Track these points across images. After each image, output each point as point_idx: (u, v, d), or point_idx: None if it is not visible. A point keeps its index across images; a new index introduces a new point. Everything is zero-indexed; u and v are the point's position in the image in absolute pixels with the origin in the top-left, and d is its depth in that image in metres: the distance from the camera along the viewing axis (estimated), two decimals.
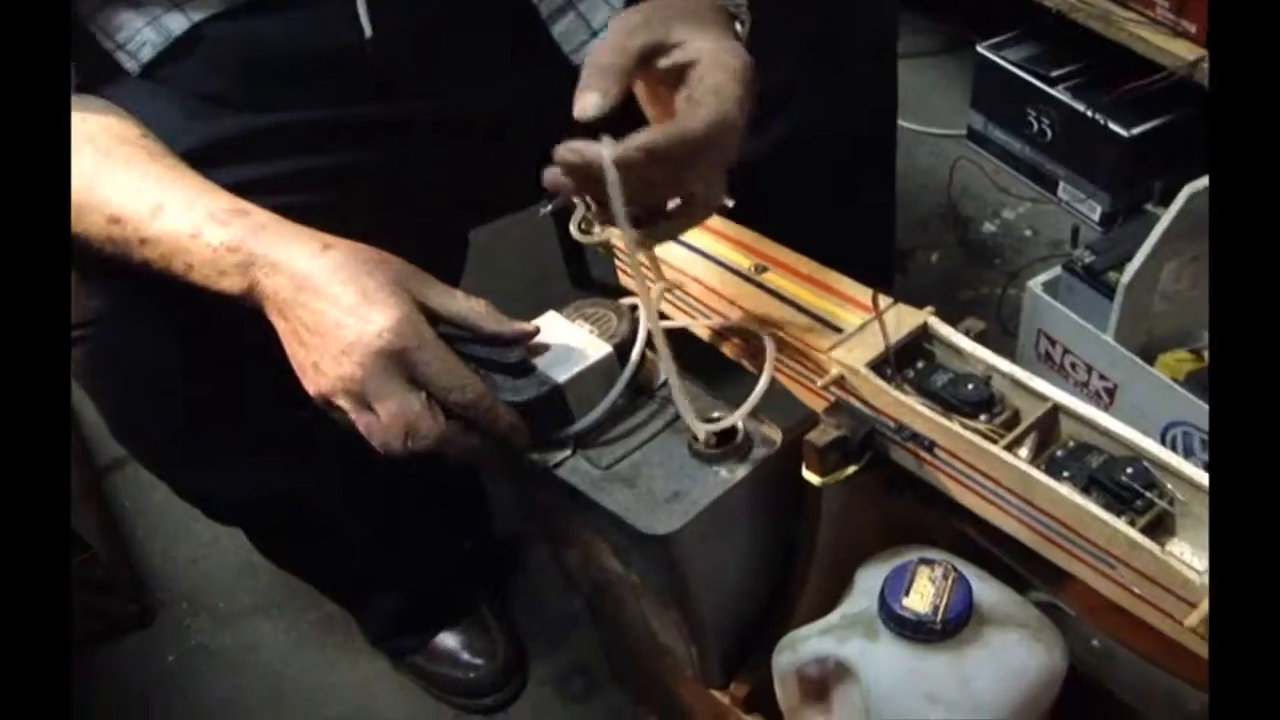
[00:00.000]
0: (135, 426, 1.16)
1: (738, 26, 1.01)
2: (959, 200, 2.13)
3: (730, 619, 1.08)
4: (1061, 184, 2.08)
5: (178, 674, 1.65)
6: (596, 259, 1.10)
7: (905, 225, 1.66)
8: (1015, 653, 0.96)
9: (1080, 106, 1.95)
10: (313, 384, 0.91)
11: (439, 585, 1.54)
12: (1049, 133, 2.05)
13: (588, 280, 1.71)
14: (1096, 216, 2.02)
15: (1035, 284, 1.65)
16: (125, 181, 0.98)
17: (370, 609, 1.54)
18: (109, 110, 1.04)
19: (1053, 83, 2.01)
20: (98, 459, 1.94)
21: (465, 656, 1.54)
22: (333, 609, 1.59)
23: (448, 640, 1.55)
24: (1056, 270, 1.64)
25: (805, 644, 1.00)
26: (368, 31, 1.10)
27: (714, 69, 0.90)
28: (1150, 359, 1.49)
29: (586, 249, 1.16)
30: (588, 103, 0.88)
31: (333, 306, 0.89)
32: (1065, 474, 0.85)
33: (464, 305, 0.92)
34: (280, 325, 0.93)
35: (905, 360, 0.94)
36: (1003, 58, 2.09)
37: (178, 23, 1.09)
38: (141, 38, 1.10)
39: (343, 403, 0.90)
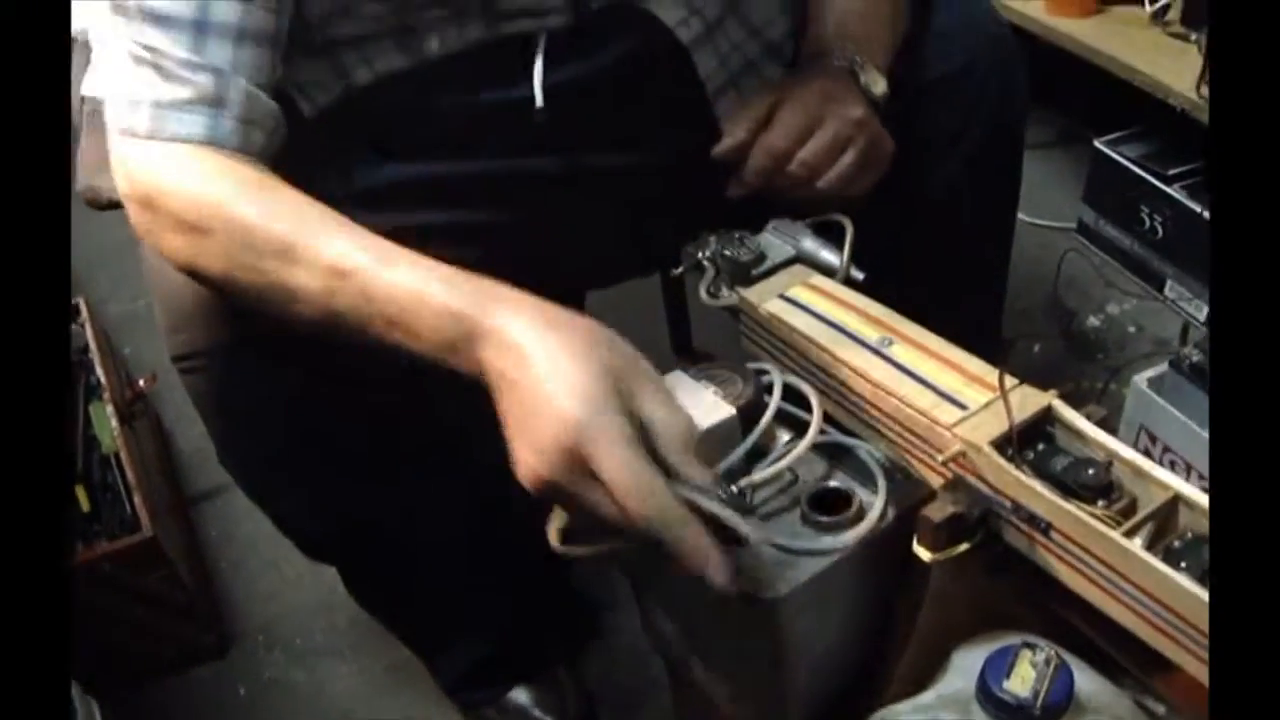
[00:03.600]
0: (244, 452, 1.18)
1: (862, 79, 1.22)
2: (1064, 293, 2.11)
3: (819, 689, 1.07)
4: (1169, 282, 2.05)
5: (248, 707, 1.65)
6: (703, 327, 1.11)
7: (1009, 314, 1.64)
8: None
9: (1195, 206, 1.93)
10: (518, 470, 0.87)
11: (516, 639, 1.54)
12: (1160, 230, 2.03)
13: (689, 348, 1.71)
14: (1202, 316, 1.99)
15: (1140, 379, 1.63)
16: (330, 239, 0.96)
17: (447, 657, 1.54)
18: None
19: (1168, 180, 1.99)
20: (190, 487, 1.95)
21: (536, 713, 1.53)
22: (406, 655, 1.59)
23: (520, 695, 1.54)
24: (1163, 367, 1.62)
25: None
26: (539, 101, 1.13)
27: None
28: None
29: (692, 318, 1.18)
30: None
31: (538, 395, 0.85)
32: (1182, 564, 0.84)
33: (661, 416, 0.87)
34: (499, 402, 0.89)
35: (1026, 441, 0.93)
36: (1119, 153, 2.08)
37: (362, 75, 1.14)
38: (322, 83, 1.14)
39: (538, 495, 0.87)
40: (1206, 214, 1.91)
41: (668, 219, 1.26)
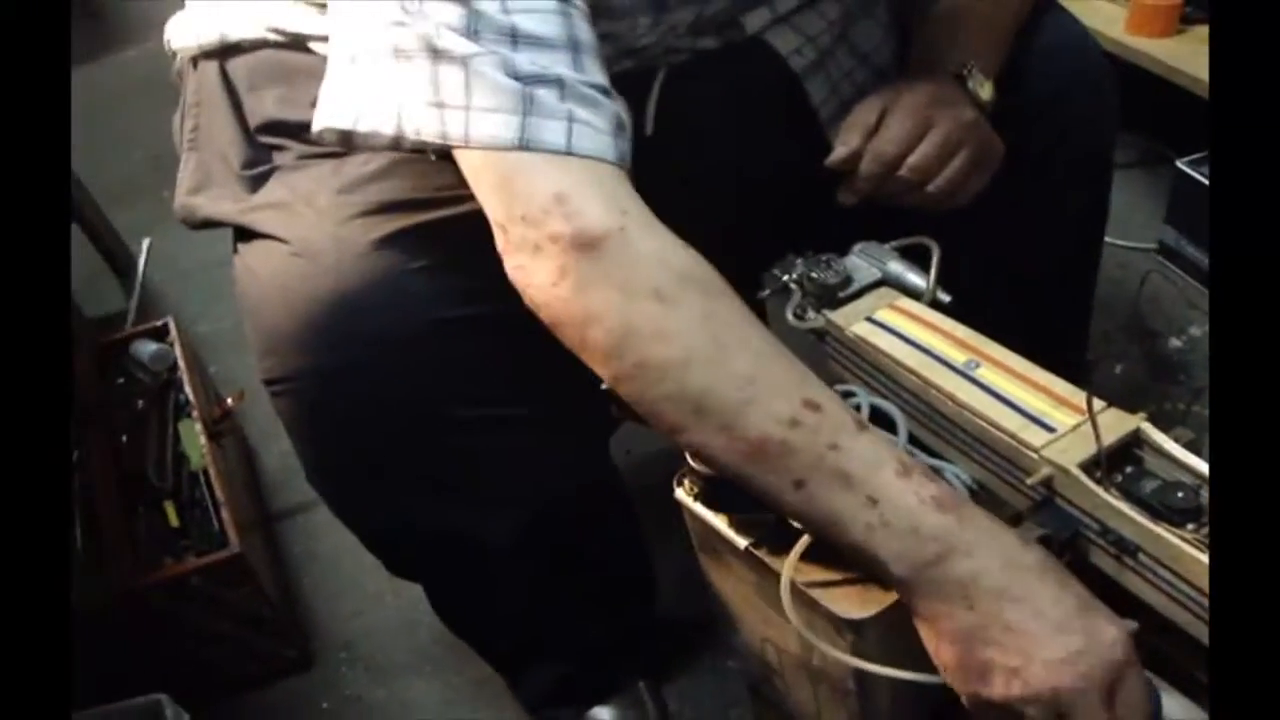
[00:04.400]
0: (335, 473, 1.19)
1: (970, 84, 1.23)
2: (1147, 314, 2.09)
3: (905, 713, 1.06)
4: None
5: None
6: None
7: (1091, 336, 1.64)
8: None
9: None
10: (996, 686, 0.85)
11: (600, 658, 1.54)
12: None
13: None
14: None
15: None
16: (803, 372, 0.91)
17: (530, 675, 1.54)
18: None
19: None
20: (273, 504, 1.98)
21: None
22: (488, 672, 1.59)
23: (602, 714, 1.54)
24: None
25: None
26: (649, 129, 1.13)
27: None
28: None
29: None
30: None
31: (1053, 608, 0.84)
32: None
33: None
34: (956, 615, 0.86)
35: (1114, 464, 0.93)
36: (1201, 174, 2.06)
37: None
38: None
39: (1033, 711, 0.84)
40: None
41: (766, 242, 1.27)
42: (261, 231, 1.13)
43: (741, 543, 0.98)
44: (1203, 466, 0.91)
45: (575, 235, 0.89)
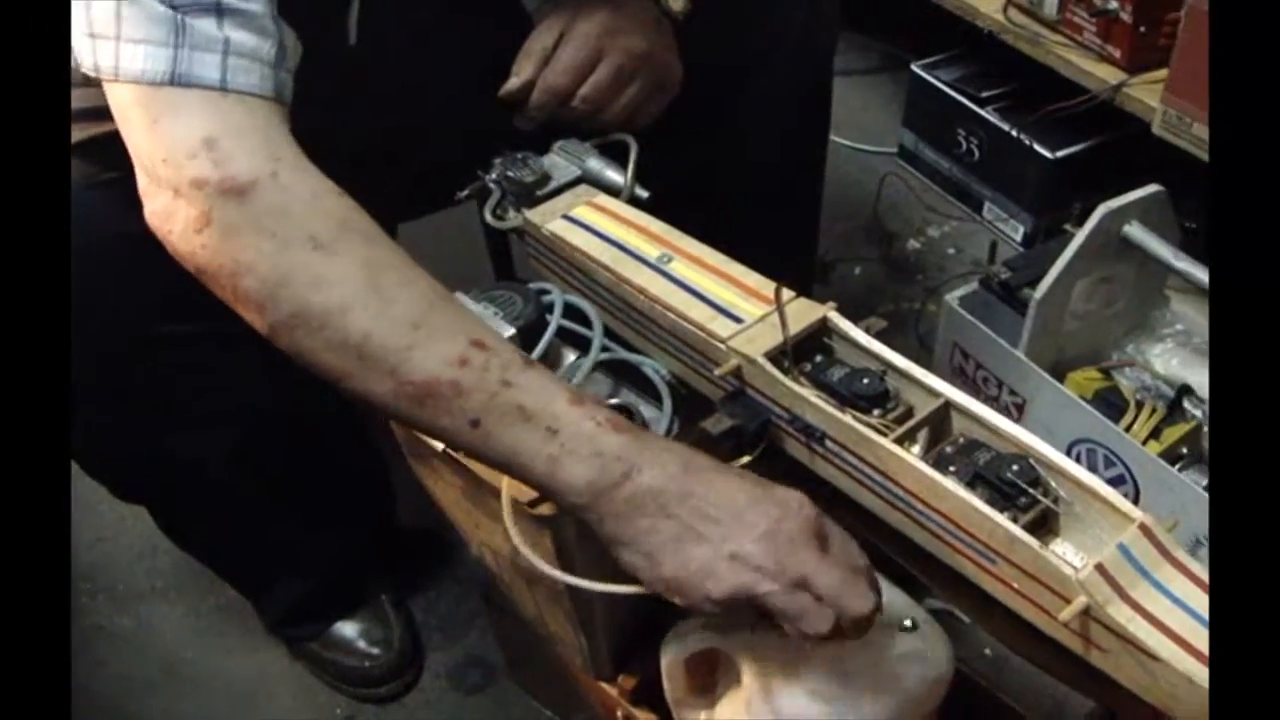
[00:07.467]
0: None
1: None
2: (885, 216, 2.14)
3: (619, 610, 1.08)
4: (987, 204, 2.09)
5: (73, 655, 1.62)
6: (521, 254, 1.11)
7: (830, 239, 1.66)
8: (899, 655, 0.96)
9: (1007, 127, 1.97)
10: (724, 578, 0.83)
11: (339, 574, 1.53)
12: (977, 153, 2.06)
13: (511, 276, 1.70)
14: (1019, 237, 2.04)
15: (952, 298, 1.65)
16: (470, 316, 0.90)
17: (269, 595, 1.52)
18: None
19: (982, 103, 2.02)
20: None
21: (361, 645, 1.53)
22: (233, 595, 1.57)
23: (345, 629, 1.54)
24: (973, 285, 1.64)
25: (691, 636, 1.00)
26: (353, 38, 1.09)
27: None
28: (1060, 376, 1.50)
29: (513, 244, 1.17)
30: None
31: (738, 493, 0.84)
32: (951, 469, 0.86)
33: None
34: (659, 526, 0.84)
35: (804, 354, 0.95)
36: (935, 77, 2.11)
37: None
38: None
39: (767, 587, 0.82)
40: (1017, 134, 1.95)
41: (482, 144, 1.25)
42: None
43: (439, 445, 0.97)
44: (887, 353, 0.93)
45: (221, 181, 0.85)
